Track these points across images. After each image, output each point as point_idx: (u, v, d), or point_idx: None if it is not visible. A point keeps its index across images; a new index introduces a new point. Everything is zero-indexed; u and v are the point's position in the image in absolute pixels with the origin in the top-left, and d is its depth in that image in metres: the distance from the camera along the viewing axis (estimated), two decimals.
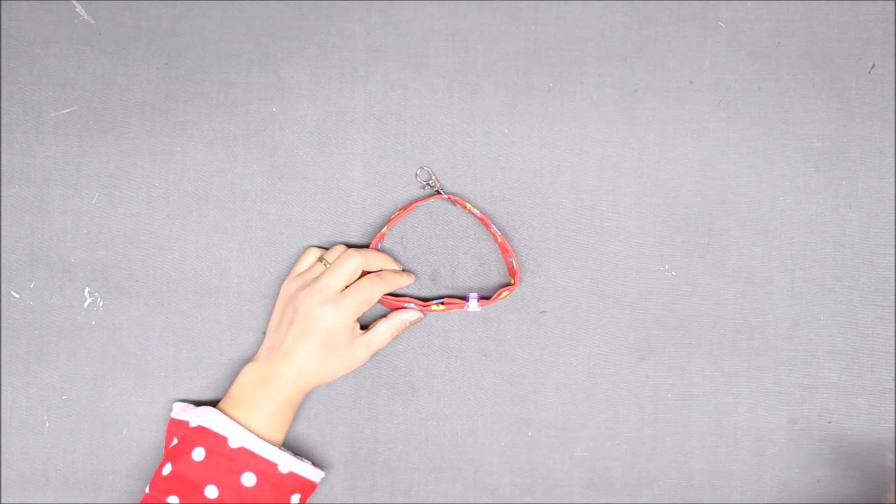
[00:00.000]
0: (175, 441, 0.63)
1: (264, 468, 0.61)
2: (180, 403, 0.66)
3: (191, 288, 0.68)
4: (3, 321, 0.68)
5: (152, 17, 0.69)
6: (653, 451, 0.69)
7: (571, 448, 0.69)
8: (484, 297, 0.68)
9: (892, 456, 0.68)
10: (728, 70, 0.69)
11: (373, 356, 0.67)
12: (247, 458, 0.60)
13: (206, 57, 0.69)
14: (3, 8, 0.69)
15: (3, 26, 0.69)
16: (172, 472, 0.60)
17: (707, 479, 0.69)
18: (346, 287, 0.64)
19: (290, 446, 0.68)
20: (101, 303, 0.68)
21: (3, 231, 0.68)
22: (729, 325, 0.69)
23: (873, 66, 0.69)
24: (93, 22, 0.69)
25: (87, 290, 0.68)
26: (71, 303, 0.68)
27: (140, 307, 0.68)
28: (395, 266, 0.67)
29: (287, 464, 0.62)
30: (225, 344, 0.68)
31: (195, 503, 0.59)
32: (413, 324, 0.67)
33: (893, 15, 0.69)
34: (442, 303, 0.67)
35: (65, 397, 0.68)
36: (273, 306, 0.68)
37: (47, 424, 0.68)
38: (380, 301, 0.67)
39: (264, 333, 0.68)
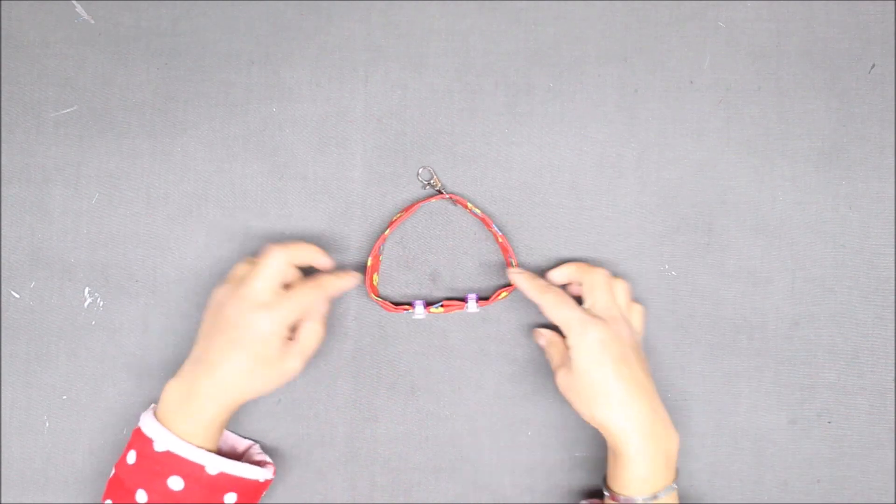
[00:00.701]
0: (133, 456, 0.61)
1: (191, 470, 0.58)
2: (148, 415, 0.61)
3: (191, 288, 0.68)
4: (3, 321, 0.68)
5: (152, 17, 0.69)
6: None
7: (571, 448, 0.69)
8: (483, 298, 0.68)
9: None
10: (728, 70, 0.69)
11: (306, 364, 0.61)
12: (172, 462, 0.58)
13: (206, 57, 0.69)
14: (3, 8, 0.69)
15: (3, 26, 0.69)
16: (114, 475, 0.61)
17: (707, 479, 0.69)
18: (286, 287, 0.60)
19: (289, 445, 0.68)
20: (101, 303, 0.68)
21: (3, 231, 0.68)
22: (729, 325, 0.69)
23: (873, 66, 0.69)
24: (93, 22, 0.69)
25: (87, 290, 0.68)
26: (71, 303, 0.68)
27: (140, 307, 0.68)
28: (325, 259, 0.63)
29: (215, 464, 0.59)
30: None
31: None
32: (341, 292, 0.63)
33: (893, 15, 0.69)
34: (441, 305, 0.67)
35: (65, 397, 0.68)
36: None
37: (47, 424, 0.68)
38: (383, 307, 0.67)
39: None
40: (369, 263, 0.67)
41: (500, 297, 0.67)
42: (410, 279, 0.69)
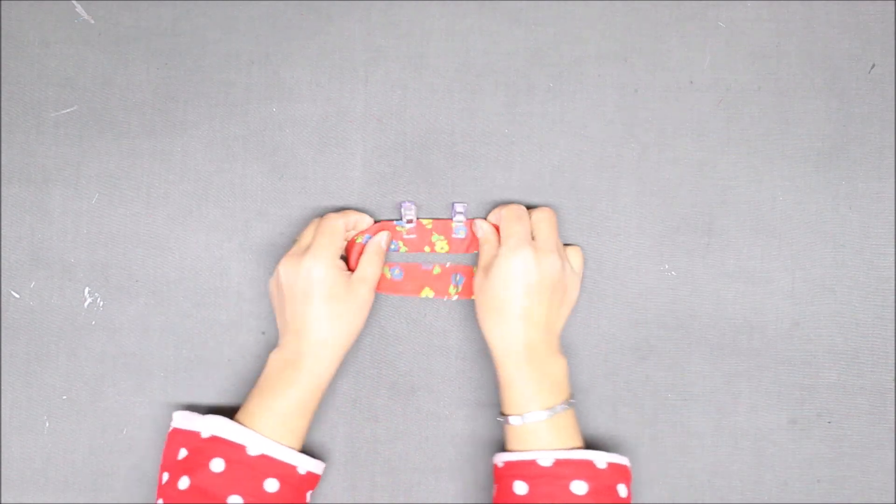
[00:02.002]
0: (185, 452, 0.61)
1: (285, 472, 0.60)
2: (182, 412, 0.63)
3: (191, 288, 0.68)
4: (3, 321, 0.68)
5: (152, 17, 0.69)
6: (653, 451, 0.69)
7: None
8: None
9: None
10: (728, 70, 0.69)
11: (374, 291, 0.65)
12: (267, 465, 0.60)
13: (206, 57, 0.69)
14: (3, 8, 0.69)
15: (3, 26, 0.69)
16: (191, 485, 0.59)
17: (707, 479, 0.69)
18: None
19: None
20: (101, 303, 0.68)
21: (3, 231, 0.68)
22: (729, 325, 0.69)
23: (873, 66, 0.69)
24: (93, 22, 0.69)
25: (87, 290, 0.68)
26: (71, 303, 0.68)
27: (140, 307, 0.68)
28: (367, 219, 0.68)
29: (305, 465, 0.61)
30: (225, 344, 0.68)
31: None
32: (388, 243, 0.67)
33: (893, 15, 0.69)
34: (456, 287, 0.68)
35: (65, 397, 0.68)
36: (269, 304, 0.68)
37: (47, 424, 0.68)
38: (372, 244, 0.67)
39: (263, 333, 0.68)
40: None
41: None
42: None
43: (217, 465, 0.59)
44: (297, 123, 0.69)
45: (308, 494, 0.63)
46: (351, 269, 0.66)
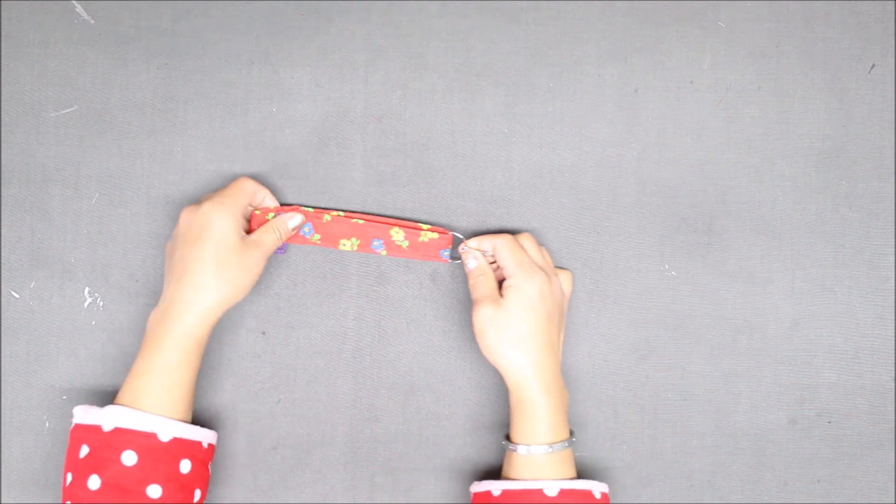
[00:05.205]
0: (87, 449, 0.58)
1: (194, 450, 0.60)
2: (83, 406, 0.60)
3: None
4: (3, 321, 0.68)
5: (152, 17, 0.69)
6: (653, 451, 0.69)
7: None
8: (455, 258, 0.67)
9: None
10: (728, 70, 0.69)
11: (265, 261, 0.63)
12: (179, 447, 0.59)
13: (206, 57, 0.69)
14: (3, 8, 0.69)
15: (3, 26, 0.69)
16: (104, 483, 0.57)
17: (707, 479, 0.69)
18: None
19: (289, 445, 0.68)
20: (101, 303, 0.68)
21: (3, 231, 0.68)
22: (729, 325, 0.69)
23: (873, 66, 0.69)
24: (93, 22, 0.69)
25: (87, 290, 0.68)
26: (71, 303, 0.68)
27: (140, 307, 0.68)
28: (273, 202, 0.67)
29: (207, 438, 0.61)
30: (225, 344, 0.68)
31: None
32: (295, 230, 0.66)
33: (893, 15, 0.69)
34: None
35: (65, 397, 0.68)
36: (269, 304, 0.68)
37: (47, 424, 0.68)
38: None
39: (263, 333, 0.68)
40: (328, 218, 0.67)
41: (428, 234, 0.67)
42: (411, 279, 0.69)
43: (129, 457, 0.57)
44: (297, 123, 0.69)
45: (209, 466, 0.62)
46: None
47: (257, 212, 0.66)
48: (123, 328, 0.68)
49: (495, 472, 0.68)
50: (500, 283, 0.64)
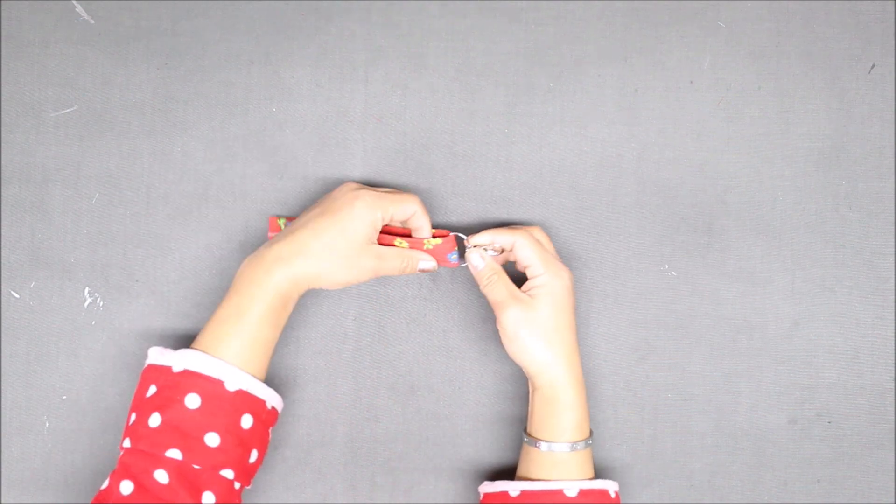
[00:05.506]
0: (154, 389, 0.57)
1: (258, 407, 0.58)
2: (157, 348, 0.59)
3: (191, 288, 0.68)
4: (3, 321, 0.68)
5: (152, 17, 0.69)
6: (653, 451, 0.69)
7: None
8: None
9: None
10: (728, 70, 0.69)
11: (376, 276, 0.62)
12: (243, 400, 0.57)
13: (206, 57, 0.69)
14: (3, 8, 0.69)
15: (3, 26, 0.69)
16: (163, 421, 0.55)
17: (707, 479, 0.69)
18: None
19: (289, 445, 0.68)
20: (101, 303, 0.68)
21: (3, 231, 0.68)
22: (729, 325, 0.69)
23: (873, 66, 0.69)
24: (93, 22, 0.69)
25: (87, 290, 0.68)
26: (71, 303, 0.68)
27: (140, 307, 0.68)
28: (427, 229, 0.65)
29: (272, 400, 0.59)
30: None
31: (198, 452, 0.55)
32: (424, 272, 0.64)
33: (893, 15, 0.69)
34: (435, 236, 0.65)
35: (65, 397, 0.68)
36: None
37: (47, 424, 0.68)
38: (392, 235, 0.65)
39: None
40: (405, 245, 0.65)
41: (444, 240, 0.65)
42: (411, 279, 0.69)
43: (192, 400, 0.56)
44: (297, 123, 0.69)
45: (270, 430, 0.61)
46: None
47: (280, 221, 0.66)
48: (123, 328, 0.68)
49: (496, 472, 0.68)
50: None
